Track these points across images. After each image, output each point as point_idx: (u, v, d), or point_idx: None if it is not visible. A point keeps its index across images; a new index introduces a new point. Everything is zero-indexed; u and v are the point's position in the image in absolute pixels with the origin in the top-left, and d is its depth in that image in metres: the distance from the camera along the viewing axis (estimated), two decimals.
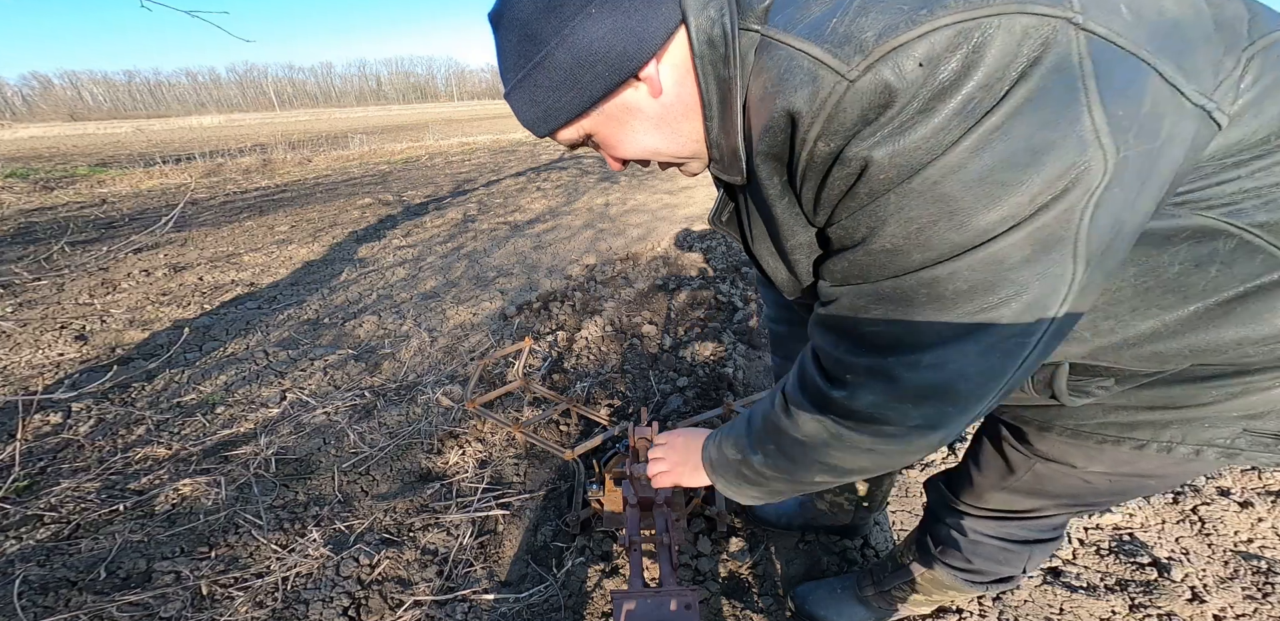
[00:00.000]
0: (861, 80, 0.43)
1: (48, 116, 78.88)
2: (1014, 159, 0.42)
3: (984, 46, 0.41)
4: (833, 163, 0.48)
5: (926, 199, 0.44)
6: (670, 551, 1.13)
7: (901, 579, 1.13)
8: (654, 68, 0.57)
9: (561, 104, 0.59)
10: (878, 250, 0.49)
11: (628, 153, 0.66)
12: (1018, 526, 0.91)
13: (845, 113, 0.45)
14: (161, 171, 8.89)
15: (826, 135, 0.47)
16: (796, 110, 0.47)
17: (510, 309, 3.06)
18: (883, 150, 0.44)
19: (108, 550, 1.52)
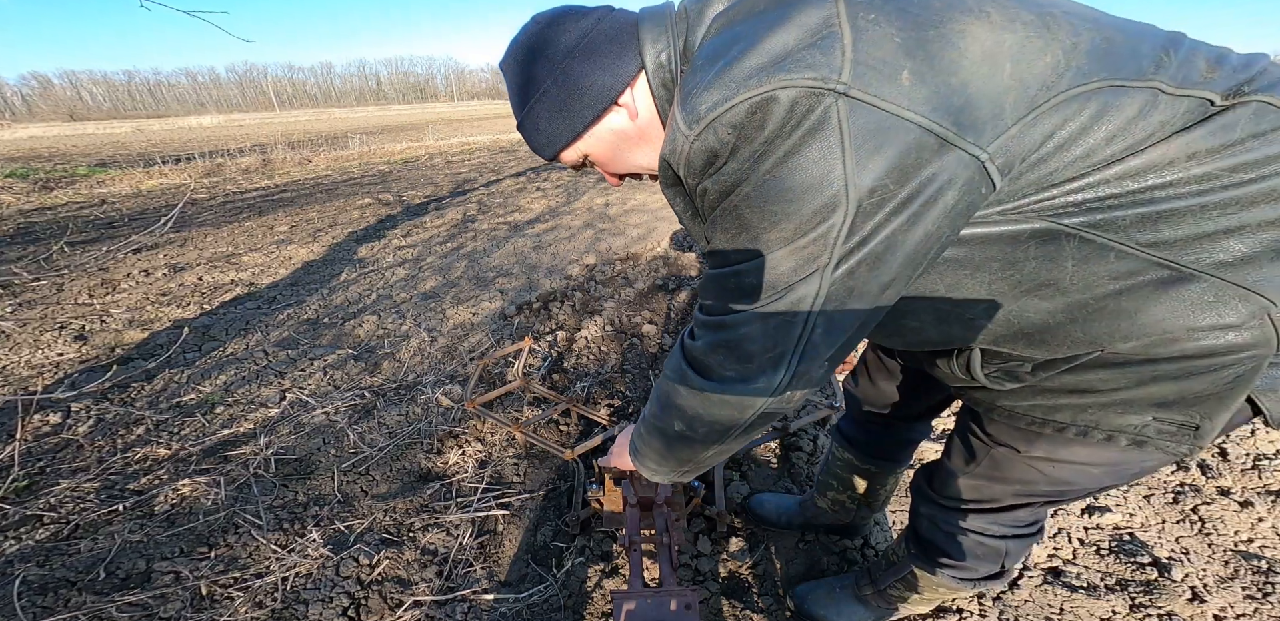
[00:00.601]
0: (697, 141, 0.59)
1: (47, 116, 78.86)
2: (783, 195, 0.56)
3: (768, 113, 0.54)
4: (699, 193, 0.66)
5: (731, 218, 0.62)
6: (670, 551, 1.13)
7: (896, 576, 1.15)
8: (629, 95, 0.72)
9: (560, 130, 0.75)
10: (713, 250, 0.67)
11: (620, 168, 0.82)
12: (991, 520, 0.94)
13: (691, 162, 0.62)
14: (161, 171, 8.89)
15: (689, 175, 0.64)
16: (665, 158, 0.65)
17: (510, 309, 3.06)
18: (713, 184, 0.62)
19: (107, 550, 1.52)
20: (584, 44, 0.71)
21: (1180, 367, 0.64)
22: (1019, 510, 0.92)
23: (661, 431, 0.85)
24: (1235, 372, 0.63)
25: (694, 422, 0.78)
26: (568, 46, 0.71)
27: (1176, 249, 0.58)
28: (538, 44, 0.73)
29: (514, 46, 0.76)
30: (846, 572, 1.38)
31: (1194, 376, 0.64)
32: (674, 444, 0.85)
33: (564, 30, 0.72)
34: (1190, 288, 0.59)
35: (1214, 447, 1.85)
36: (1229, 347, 0.61)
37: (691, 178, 0.64)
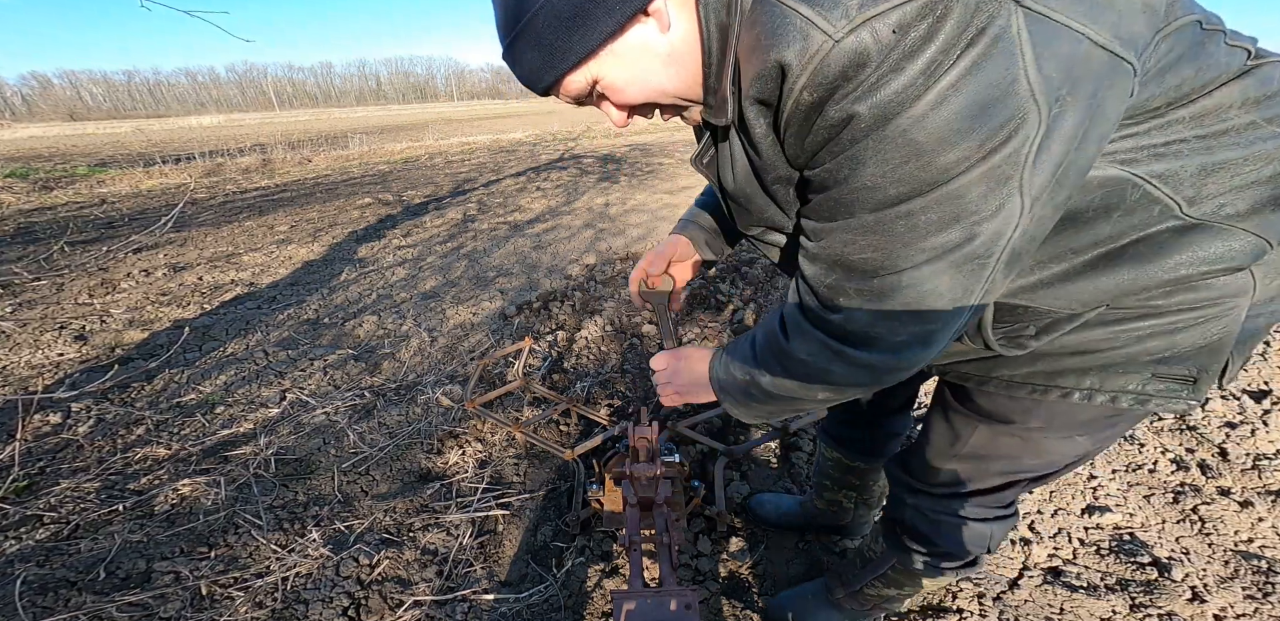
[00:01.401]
0: (845, 41, 0.49)
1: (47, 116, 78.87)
2: (965, 111, 0.50)
3: (944, 17, 0.48)
4: (817, 113, 0.55)
5: (898, 144, 0.52)
6: (670, 551, 1.13)
7: (872, 574, 1.13)
8: (662, 1, 0.60)
9: (571, 44, 0.61)
10: (858, 187, 0.56)
11: (636, 95, 0.68)
12: (978, 503, 0.93)
13: (829, 68, 0.51)
14: (161, 171, 8.89)
15: (811, 87, 0.53)
16: (787, 62, 0.53)
17: (510, 309, 3.06)
18: (863, 104, 0.51)
19: (107, 550, 1.52)
20: None
21: (1173, 321, 0.67)
22: (1005, 491, 0.92)
23: (799, 396, 0.76)
24: (1222, 324, 0.67)
25: (846, 388, 0.72)
26: None
27: (1206, 203, 0.61)
28: None
29: None
30: (818, 578, 1.36)
31: (1187, 329, 0.67)
32: (809, 404, 0.79)
33: None
34: (1203, 235, 0.61)
35: (1214, 447, 1.85)
36: (1219, 297, 0.64)
37: (814, 90, 0.53)
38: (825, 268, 0.64)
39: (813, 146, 0.58)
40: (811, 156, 0.60)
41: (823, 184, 0.60)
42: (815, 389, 0.73)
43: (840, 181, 0.57)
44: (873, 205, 0.56)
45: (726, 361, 0.85)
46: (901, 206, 0.55)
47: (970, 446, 0.89)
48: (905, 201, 0.54)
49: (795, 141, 0.60)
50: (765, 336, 0.77)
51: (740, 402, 0.84)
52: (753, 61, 0.57)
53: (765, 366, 0.76)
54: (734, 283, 3.26)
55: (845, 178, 0.56)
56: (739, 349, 0.83)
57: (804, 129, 0.57)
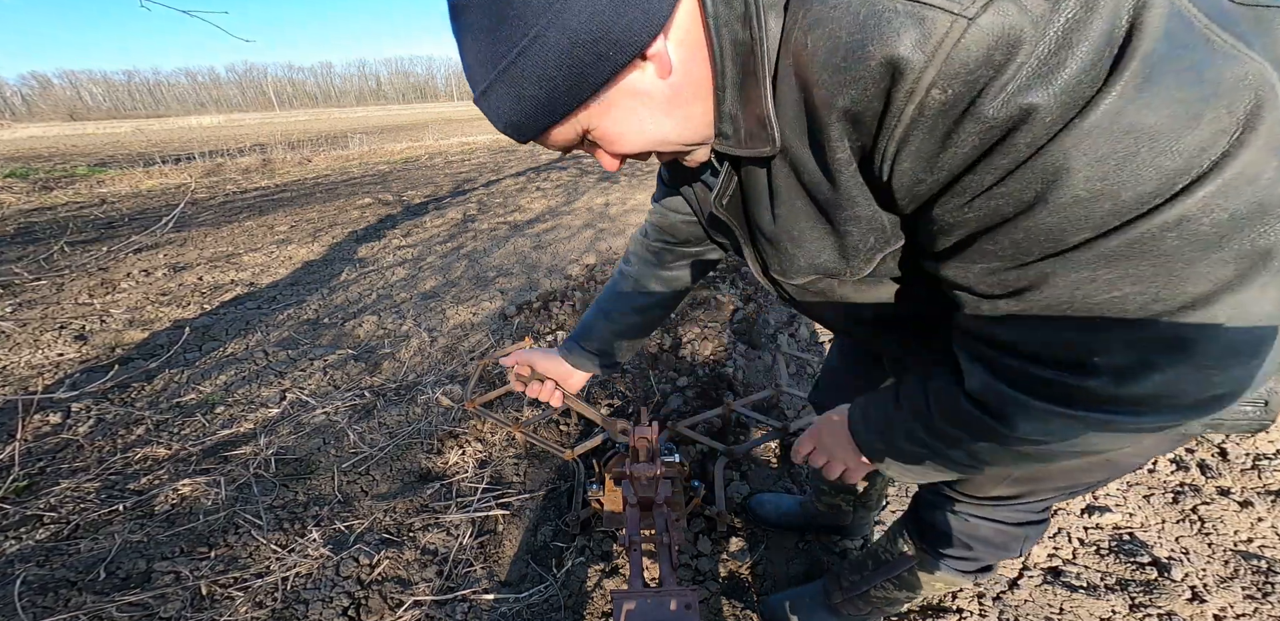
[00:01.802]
0: (983, 17, 0.39)
1: (47, 116, 78.86)
2: (1182, 78, 0.39)
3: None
4: (959, 115, 0.43)
5: (1114, 133, 0.39)
6: (670, 551, 1.13)
7: (885, 576, 1.10)
8: (662, 43, 0.51)
9: (558, 96, 0.52)
10: (1068, 203, 0.42)
11: (632, 146, 0.59)
12: (1012, 509, 0.90)
13: (968, 54, 0.40)
14: (161, 171, 8.89)
15: (943, 81, 0.42)
16: (901, 57, 0.42)
17: (510, 309, 3.06)
18: (1039, 92, 0.40)
19: (107, 550, 1.52)
20: None
21: None
22: (1046, 500, 0.88)
23: (1019, 465, 0.64)
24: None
25: (1105, 451, 0.58)
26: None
27: None
28: None
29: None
30: (814, 581, 1.35)
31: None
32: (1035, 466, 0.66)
33: None
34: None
35: (1214, 447, 1.85)
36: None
37: (950, 86, 0.42)
38: (1053, 325, 0.48)
39: (957, 162, 0.45)
40: (954, 178, 0.46)
41: (992, 213, 0.46)
42: (1057, 458, 0.60)
43: (1030, 203, 0.43)
44: (1105, 222, 0.42)
45: (890, 436, 0.70)
46: (1162, 214, 0.40)
47: (1029, 470, 0.82)
48: (1162, 207, 0.40)
49: (919, 161, 0.47)
50: (945, 417, 0.61)
51: (925, 474, 0.71)
52: (836, 68, 0.45)
53: (957, 445, 0.63)
54: (734, 283, 3.26)
55: (1040, 196, 0.43)
56: (903, 430, 0.67)
57: (938, 140, 0.45)
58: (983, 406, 0.56)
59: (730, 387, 2.20)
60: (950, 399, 0.60)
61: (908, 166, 0.47)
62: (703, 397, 2.17)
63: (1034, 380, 0.51)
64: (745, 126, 0.56)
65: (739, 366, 2.31)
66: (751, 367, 2.36)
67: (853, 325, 0.79)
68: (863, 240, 0.58)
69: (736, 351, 2.45)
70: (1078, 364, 0.48)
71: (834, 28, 0.45)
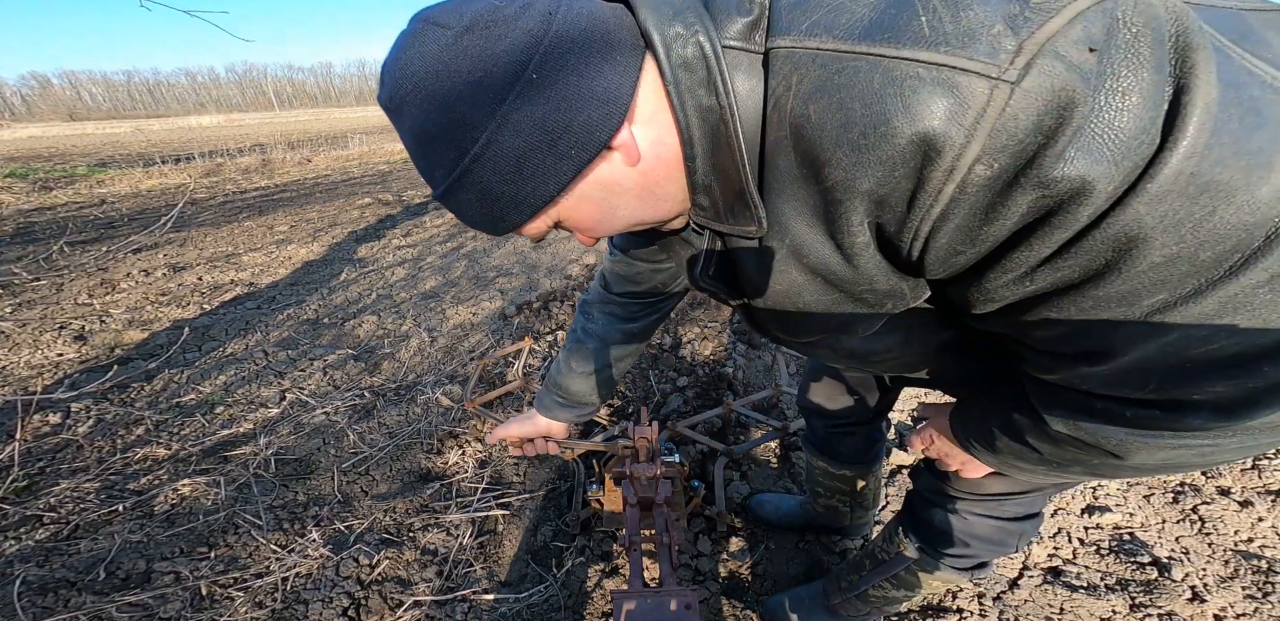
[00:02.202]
0: (1028, 80, 0.36)
1: (47, 116, 78.88)
2: (1246, 122, 0.36)
3: (1135, 23, 0.36)
4: (1007, 189, 0.39)
5: (1188, 195, 0.37)
6: (670, 551, 1.13)
7: (883, 575, 1.09)
8: (627, 132, 0.47)
9: (521, 197, 0.50)
10: (1144, 270, 0.39)
11: (608, 231, 0.57)
12: (1011, 504, 0.89)
13: (1016, 124, 0.37)
14: (161, 171, 8.89)
15: (989, 155, 0.38)
16: (935, 132, 0.38)
17: (510, 308, 3.06)
18: (1099, 160, 0.37)
19: (107, 550, 1.52)
20: (543, 55, 0.44)
21: None
22: (1044, 492, 0.87)
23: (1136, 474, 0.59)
24: None
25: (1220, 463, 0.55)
26: (515, 62, 0.44)
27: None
28: (456, 62, 0.45)
29: (408, 70, 0.46)
30: (813, 582, 1.35)
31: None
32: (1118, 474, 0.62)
33: (500, 34, 0.44)
34: None
35: None
36: None
37: (995, 159, 0.38)
38: (1131, 379, 0.45)
39: (1003, 233, 0.42)
40: (1000, 249, 0.43)
41: (1056, 284, 0.43)
42: (1162, 470, 0.56)
43: (1100, 272, 0.41)
44: (1183, 284, 0.39)
45: (1001, 452, 0.66)
46: (1247, 273, 0.38)
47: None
48: (1246, 264, 0.38)
49: (956, 237, 0.43)
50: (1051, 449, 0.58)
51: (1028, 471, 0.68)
52: (853, 145, 0.41)
53: (1071, 465, 0.59)
54: None
55: (1110, 265, 0.40)
56: (1009, 449, 0.64)
57: (981, 213, 0.41)
58: (1077, 442, 0.54)
59: (730, 387, 2.20)
60: (1044, 435, 0.57)
61: (945, 241, 0.44)
62: (703, 397, 2.17)
63: (1127, 418, 0.48)
64: (723, 200, 0.52)
65: (739, 366, 2.31)
66: (751, 367, 2.36)
67: (858, 366, 0.77)
68: (879, 305, 0.55)
69: (736, 351, 2.45)
70: (1174, 403, 0.45)
71: (843, 98, 0.40)
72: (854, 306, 0.56)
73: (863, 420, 1.22)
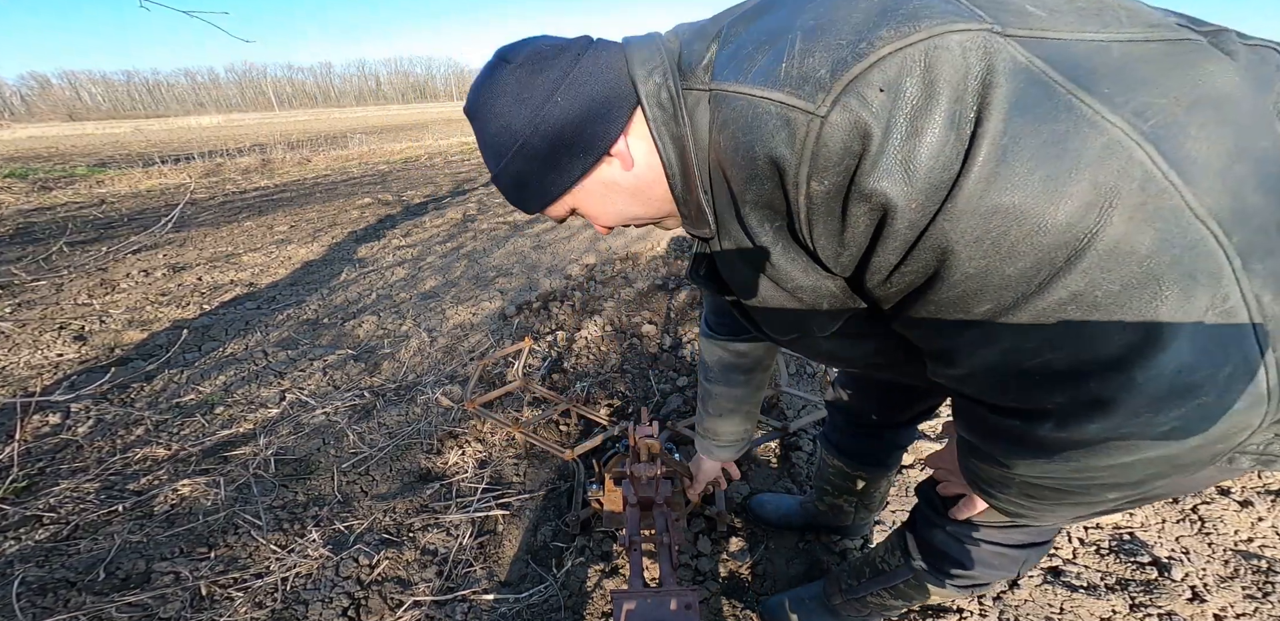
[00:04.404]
0: (832, 115, 0.45)
1: (46, 116, 78.86)
2: (1042, 154, 0.41)
3: (934, 66, 0.43)
4: (844, 200, 0.48)
5: (982, 214, 0.43)
6: (670, 551, 1.13)
7: (881, 585, 1.09)
8: (623, 143, 0.62)
9: (544, 185, 0.66)
10: (961, 279, 0.46)
11: (610, 221, 0.72)
12: (1016, 531, 0.88)
13: (828, 148, 0.46)
14: (160, 171, 8.89)
15: (818, 173, 0.47)
16: (779, 155, 0.48)
17: (510, 309, 3.06)
18: (895, 184, 0.44)
19: (107, 550, 1.52)
20: (566, 85, 0.60)
21: None
22: (1055, 523, 0.85)
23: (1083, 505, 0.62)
24: None
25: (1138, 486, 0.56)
26: (547, 89, 0.60)
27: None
28: (510, 87, 0.62)
29: (481, 89, 0.65)
30: (814, 582, 1.34)
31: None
32: (1102, 507, 0.64)
33: (540, 69, 0.61)
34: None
35: None
36: None
37: (824, 177, 0.47)
38: (990, 384, 0.52)
39: (860, 239, 0.50)
40: (860, 253, 0.52)
41: (906, 288, 0.51)
42: (1090, 495, 0.58)
43: (931, 278, 0.48)
44: (1000, 296, 0.45)
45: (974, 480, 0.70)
46: (1052, 290, 0.43)
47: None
48: (1051, 282, 0.43)
49: (830, 240, 0.52)
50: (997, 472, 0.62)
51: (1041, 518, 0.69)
52: (739, 165, 0.52)
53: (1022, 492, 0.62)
54: None
55: (936, 272, 0.47)
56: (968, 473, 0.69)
57: (835, 221, 0.50)
58: (978, 452, 0.61)
59: None
60: (964, 443, 0.64)
61: (824, 243, 0.53)
62: None
63: (998, 427, 0.55)
64: (692, 210, 0.65)
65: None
66: None
67: (853, 367, 0.83)
68: (816, 304, 0.63)
69: None
70: (1026, 412, 0.51)
71: (735, 129, 0.51)
72: (798, 304, 0.64)
73: (890, 424, 1.20)
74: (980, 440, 0.60)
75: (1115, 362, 0.44)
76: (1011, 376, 0.49)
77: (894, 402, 1.15)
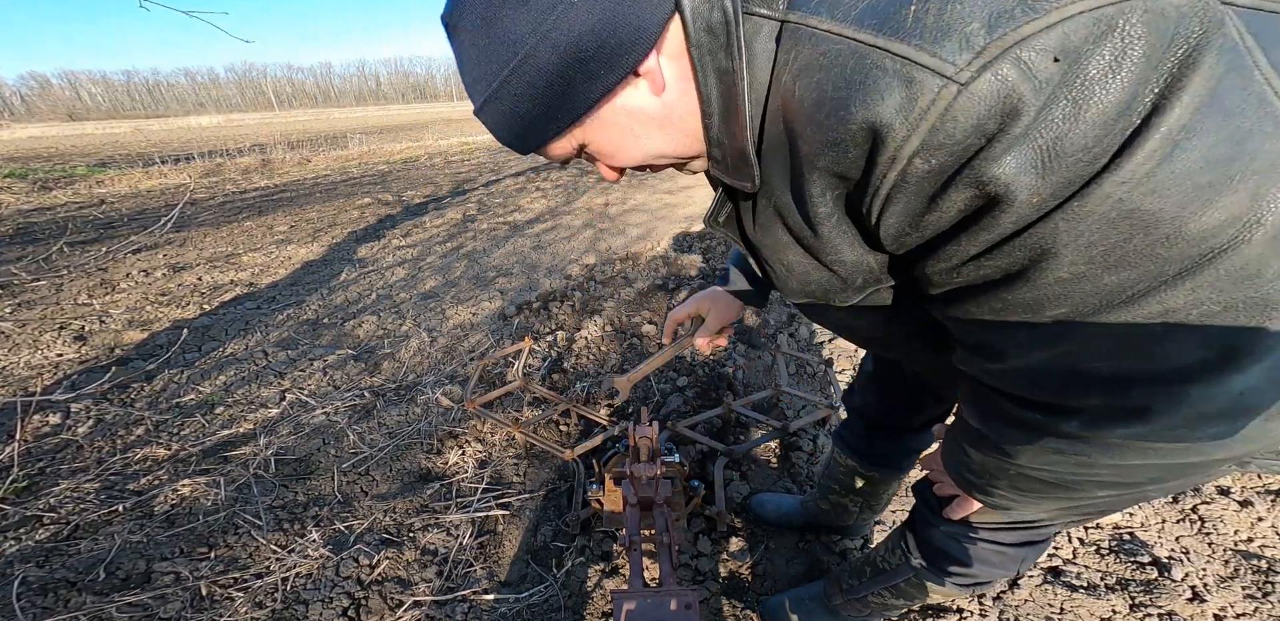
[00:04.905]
0: (977, 83, 0.36)
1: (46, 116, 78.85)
2: (1213, 155, 0.35)
3: (1133, 35, 0.34)
4: (944, 183, 0.41)
5: (1108, 219, 0.37)
6: (670, 551, 1.13)
7: (882, 585, 1.08)
8: (655, 60, 0.50)
9: (551, 113, 0.53)
10: (1049, 283, 0.41)
11: (628, 160, 0.60)
12: (1010, 531, 0.87)
13: (955, 124, 0.37)
14: (160, 171, 8.88)
15: (927, 151, 0.39)
16: (883, 122, 0.40)
17: (510, 309, 3.06)
18: (1025, 174, 0.37)
19: (107, 551, 1.52)
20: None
21: None
22: (1050, 526, 0.85)
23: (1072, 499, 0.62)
24: None
25: (1132, 487, 0.56)
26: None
27: None
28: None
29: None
30: (814, 582, 1.34)
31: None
32: (1091, 504, 0.64)
33: None
34: None
35: None
36: None
37: (934, 156, 0.39)
38: (1026, 379, 0.48)
39: (942, 224, 0.44)
40: (939, 239, 0.46)
41: (977, 280, 0.46)
42: (1083, 491, 0.57)
43: (1013, 276, 0.43)
44: (1083, 303, 0.41)
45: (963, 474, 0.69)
46: (1145, 304, 0.39)
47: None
48: (1147, 295, 0.38)
49: (903, 220, 0.46)
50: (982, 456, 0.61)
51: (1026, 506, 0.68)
52: (819, 124, 0.43)
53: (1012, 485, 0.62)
54: None
55: (1022, 273, 0.42)
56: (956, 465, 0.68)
57: (924, 201, 0.44)
58: (985, 440, 0.58)
59: (730, 388, 2.20)
60: (968, 435, 0.61)
61: (894, 222, 0.47)
62: (703, 397, 2.17)
63: (1015, 418, 0.52)
64: (730, 156, 0.56)
65: (739, 366, 2.31)
66: (751, 368, 2.36)
67: (853, 339, 0.80)
68: (850, 278, 0.58)
69: (736, 351, 2.45)
70: (1054, 407, 0.49)
71: (820, 78, 0.42)
72: (824, 274, 0.59)
73: (908, 427, 1.19)
74: (990, 428, 0.56)
75: (1173, 375, 0.41)
76: (1056, 376, 0.46)
77: (911, 405, 1.14)
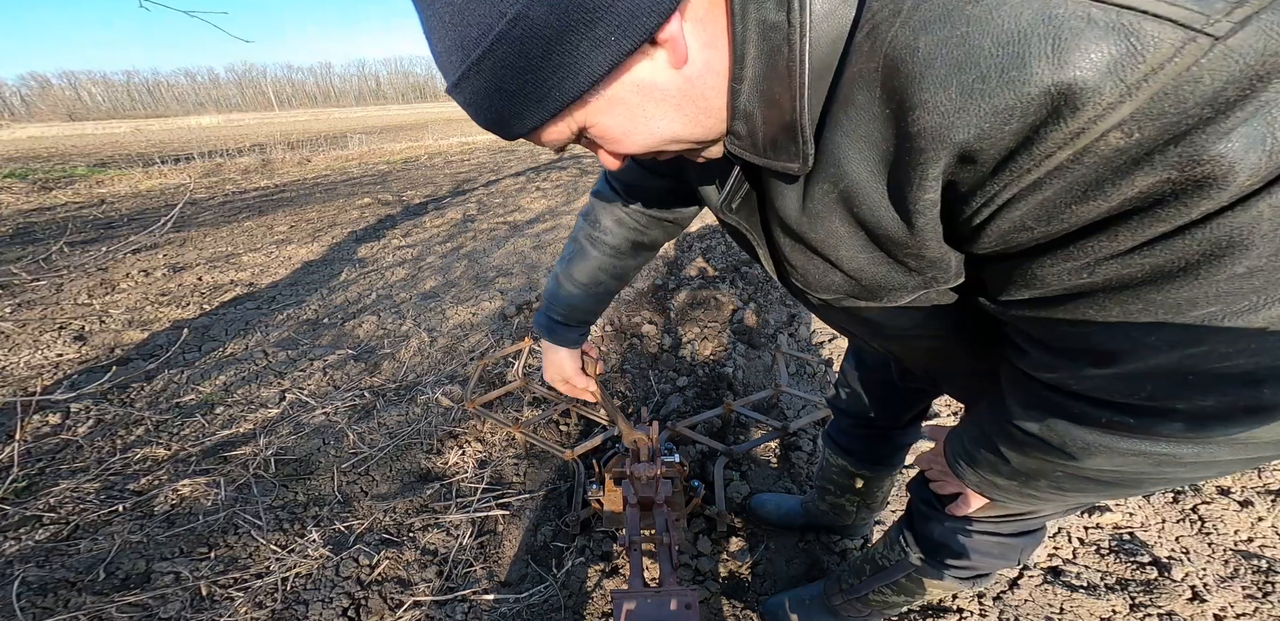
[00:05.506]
0: (1238, 37, 0.28)
1: (46, 116, 78.86)
2: None
3: None
4: (1132, 164, 0.32)
5: None
6: (670, 551, 1.13)
7: (883, 582, 1.08)
8: (677, 25, 0.40)
9: (547, 89, 0.42)
10: (1220, 279, 0.34)
11: (638, 146, 0.49)
12: (1007, 522, 0.88)
13: (1194, 88, 0.29)
14: (160, 171, 8.89)
15: (1137, 121, 0.31)
16: (1085, 86, 0.30)
17: (510, 309, 3.06)
18: (1254, 152, 0.29)
19: (107, 551, 1.52)
20: None
21: None
22: (1046, 515, 0.86)
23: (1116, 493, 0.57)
24: None
25: (1189, 480, 0.51)
26: None
27: None
28: None
29: None
30: (814, 582, 1.34)
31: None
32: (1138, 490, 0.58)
33: None
34: None
35: None
36: None
37: (1141, 127, 0.31)
38: (1131, 384, 0.42)
39: (1091, 216, 0.35)
40: (1078, 236, 0.37)
41: (1115, 280, 0.37)
42: (1140, 487, 0.53)
43: (1173, 275, 0.35)
44: (1242, 299, 0.35)
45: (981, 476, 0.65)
46: None
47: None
48: None
49: (1039, 210, 0.37)
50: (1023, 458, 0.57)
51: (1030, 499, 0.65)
52: (961, 86, 0.34)
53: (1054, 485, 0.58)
54: (734, 283, 3.26)
55: (1188, 269, 0.34)
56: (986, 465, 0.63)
57: (1080, 191, 0.34)
58: (1044, 444, 0.51)
59: (730, 387, 2.20)
60: (1012, 440, 0.54)
61: (1018, 214, 0.38)
62: (703, 397, 2.17)
63: (1103, 423, 0.46)
64: (765, 131, 0.46)
65: (739, 366, 2.31)
66: (751, 367, 2.36)
67: (873, 339, 0.74)
68: (919, 272, 0.49)
69: (736, 351, 2.45)
70: (1154, 409, 0.42)
71: (970, 31, 0.33)
72: (891, 269, 0.49)
73: (895, 424, 1.20)
74: (1053, 432, 0.49)
75: None
76: (1174, 378, 0.40)
77: (896, 402, 1.15)
